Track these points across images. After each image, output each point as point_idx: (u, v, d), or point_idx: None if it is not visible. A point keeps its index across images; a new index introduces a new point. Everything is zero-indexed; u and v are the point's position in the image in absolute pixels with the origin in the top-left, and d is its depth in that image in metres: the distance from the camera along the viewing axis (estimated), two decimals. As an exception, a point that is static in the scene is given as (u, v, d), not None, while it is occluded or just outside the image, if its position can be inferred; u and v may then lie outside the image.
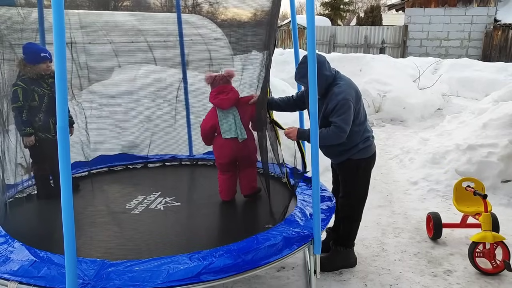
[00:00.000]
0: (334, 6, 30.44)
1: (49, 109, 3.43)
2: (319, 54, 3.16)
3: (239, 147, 3.35)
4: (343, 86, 3.09)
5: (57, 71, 1.97)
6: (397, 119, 9.43)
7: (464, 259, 3.55)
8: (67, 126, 2.02)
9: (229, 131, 3.33)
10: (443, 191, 5.06)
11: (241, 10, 4.59)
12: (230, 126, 3.32)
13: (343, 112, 3.00)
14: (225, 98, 3.33)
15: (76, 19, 4.00)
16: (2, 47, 3.18)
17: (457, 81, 12.16)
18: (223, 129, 3.34)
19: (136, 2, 5.25)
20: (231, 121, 3.33)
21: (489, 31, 17.76)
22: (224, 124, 3.34)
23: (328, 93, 3.11)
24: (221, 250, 2.50)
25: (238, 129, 3.33)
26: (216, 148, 3.47)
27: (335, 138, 3.03)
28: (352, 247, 3.45)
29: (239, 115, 3.36)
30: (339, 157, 3.28)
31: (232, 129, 3.32)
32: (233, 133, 3.32)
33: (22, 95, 3.37)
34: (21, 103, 3.38)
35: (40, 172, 3.56)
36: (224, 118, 3.35)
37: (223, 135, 3.34)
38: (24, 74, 3.43)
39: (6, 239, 2.66)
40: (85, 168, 4.04)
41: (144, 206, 3.33)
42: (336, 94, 3.05)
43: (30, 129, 3.43)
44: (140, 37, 7.11)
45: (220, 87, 3.37)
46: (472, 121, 6.00)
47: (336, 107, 3.01)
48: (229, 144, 3.34)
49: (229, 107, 3.35)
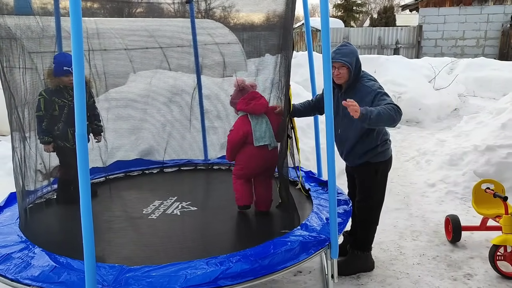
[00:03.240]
0: (347, 8, 30.33)
1: (68, 119, 3.51)
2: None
3: (269, 156, 3.26)
4: (372, 80, 3.13)
5: (76, 79, 2.00)
6: (412, 120, 9.33)
7: (484, 262, 3.48)
8: (86, 133, 2.05)
9: (263, 138, 3.23)
10: (461, 193, 4.99)
11: (253, 14, 4.60)
12: (264, 133, 3.24)
13: (387, 97, 2.97)
14: (258, 103, 3.26)
15: (92, 26, 4.06)
16: (24, 56, 3.25)
17: (474, 81, 11.97)
18: (256, 136, 3.22)
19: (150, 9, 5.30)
20: (264, 127, 3.24)
21: (505, 30, 17.46)
22: (257, 131, 3.23)
23: (356, 86, 3.10)
24: (238, 255, 2.50)
25: (270, 136, 3.25)
26: (244, 158, 3.31)
27: (394, 113, 2.83)
28: (369, 250, 3.42)
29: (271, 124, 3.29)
30: (358, 160, 3.25)
31: (266, 136, 3.23)
32: (266, 140, 3.23)
33: (43, 105, 3.50)
34: (42, 112, 3.51)
35: (64, 177, 3.65)
36: (257, 125, 3.25)
37: (256, 142, 3.22)
38: (49, 84, 3.56)
39: (26, 245, 2.70)
40: (102, 173, 4.09)
41: (161, 211, 3.35)
42: (369, 86, 3.05)
43: (48, 138, 3.54)
44: (154, 43, 7.19)
45: (251, 94, 3.31)
46: (490, 122, 5.89)
47: (376, 97, 2.97)
48: (260, 153, 3.24)
49: (263, 111, 3.29)
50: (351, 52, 3.08)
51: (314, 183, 3.79)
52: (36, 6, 3.77)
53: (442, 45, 18.73)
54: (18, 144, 3.15)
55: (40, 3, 3.95)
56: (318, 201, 3.37)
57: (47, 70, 3.52)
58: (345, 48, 3.09)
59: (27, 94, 3.31)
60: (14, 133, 3.13)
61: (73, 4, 1.93)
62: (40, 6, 3.95)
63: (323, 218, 3.01)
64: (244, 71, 4.98)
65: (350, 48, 3.11)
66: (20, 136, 3.16)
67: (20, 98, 3.19)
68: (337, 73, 3.04)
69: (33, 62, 3.41)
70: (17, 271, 2.41)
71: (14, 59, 3.20)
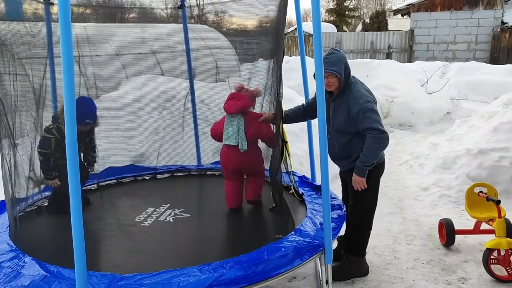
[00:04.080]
0: (340, 13, 30.48)
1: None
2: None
3: (242, 157, 3.37)
4: (361, 89, 3.12)
5: (65, 85, 1.97)
6: (405, 124, 9.37)
7: (478, 266, 3.49)
8: (76, 141, 2.02)
9: (229, 138, 3.38)
10: (454, 196, 5.00)
11: (246, 19, 4.60)
12: (232, 133, 3.37)
13: (371, 113, 3.01)
14: (232, 103, 3.39)
15: (83, 32, 4.04)
16: (14, 62, 3.20)
17: (466, 85, 12.06)
18: (225, 135, 3.41)
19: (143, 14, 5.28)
20: (234, 128, 3.37)
21: (496, 34, 17.65)
22: (227, 130, 3.40)
23: (345, 94, 3.10)
24: (231, 262, 2.47)
25: (240, 138, 3.35)
26: (221, 155, 3.54)
27: (379, 143, 3.02)
28: (364, 255, 3.41)
29: (244, 127, 3.36)
30: (350, 164, 3.25)
31: (233, 137, 3.36)
32: (233, 141, 3.36)
33: (54, 145, 3.41)
34: (51, 151, 3.41)
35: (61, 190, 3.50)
36: (229, 124, 3.40)
37: (224, 141, 3.42)
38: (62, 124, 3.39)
39: (17, 254, 2.66)
40: (94, 180, 4.05)
41: (154, 219, 3.32)
42: (357, 98, 3.05)
43: (55, 174, 3.47)
44: (147, 49, 7.16)
45: (232, 94, 3.46)
46: (482, 125, 5.93)
47: (360, 112, 3.01)
48: (232, 152, 3.39)
49: (233, 112, 3.37)
50: (339, 60, 3.08)
51: (308, 187, 3.77)
52: (28, 11, 3.75)
53: (434, 49, 18.87)
54: (8, 151, 3.10)
55: (32, 8, 3.93)
56: (312, 205, 3.36)
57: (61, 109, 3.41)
58: (332, 56, 3.07)
59: (18, 100, 3.26)
60: (3, 140, 3.08)
61: (62, 9, 1.91)
62: (32, 11, 3.92)
63: (317, 223, 3.00)
64: (237, 76, 4.97)
65: (337, 56, 3.10)
66: (9, 143, 3.12)
67: (10, 105, 3.15)
68: (327, 82, 3.04)
69: (24, 68, 3.37)
70: (6, 280, 2.37)
71: (5, 65, 3.17)
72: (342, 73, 3.07)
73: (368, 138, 3.01)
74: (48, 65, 3.73)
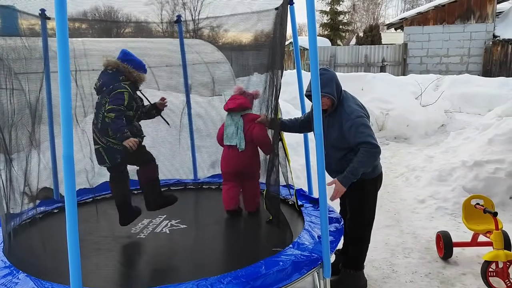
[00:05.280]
0: (334, 27, 30.80)
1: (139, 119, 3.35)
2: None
3: (242, 158, 3.49)
4: (352, 104, 3.12)
5: (62, 99, 1.97)
6: (401, 136, 9.42)
7: (477, 278, 3.47)
8: (72, 154, 2.01)
9: (229, 138, 3.54)
10: (451, 209, 5.00)
11: (241, 33, 4.64)
12: (232, 133, 3.52)
13: (364, 128, 3.02)
14: (230, 101, 3.60)
15: (80, 47, 4.04)
16: (11, 77, 3.19)
17: (459, 97, 12.15)
18: (225, 135, 3.57)
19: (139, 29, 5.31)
20: (233, 128, 3.53)
21: (488, 47, 17.88)
22: (227, 130, 3.56)
23: (338, 110, 3.11)
24: (229, 276, 2.44)
25: (239, 138, 3.49)
26: (222, 158, 3.67)
27: (372, 156, 3.02)
28: (362, 269, 3.38)
29: (243, 127, 3.52)
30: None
31: (233, 137, 3.51)
32: (233, 140, 3.51)
33: (127, 99, 3.11)
34: (123, 107, 3.10)
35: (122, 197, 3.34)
36: (228, 125, 3.58)
37: (224, 140, 3.58)
38: (128, 79, 3.21)
39: (11, 270, 2.62)
40: (90, 195, 4.01)
41: (150, 230, 3.29)
42: (349, 113, 3.06)
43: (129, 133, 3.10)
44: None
45: (233, 95, 3.64)
46: (477, 137, 5.96)
47: (354, 126, 3.02)
48: (232, 154, 3.53)
49: (232, 107, 3.54)
50: (329, 80, 3.10)
51: (305, 200, 3.76)
52: (24, 26, 3.75)
53: (427, 62, 19.05)
54: (3, 166, 3.08)
55: (28, 23, 3.93)
56: (309, 218, 3.34)
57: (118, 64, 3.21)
58: (323, 76, 3.02)
59: (14, 115, 3.24)
60: (-2, 155, 3.06)
61: (59, 24, 1.92)
62: (28, 26, 3.93)
63: (315, 236, 2.98)
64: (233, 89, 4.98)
65: (328, 76, 3.11)
66: (5, 158, 3.09)
67: (6, 119, 3.13)
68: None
69: (20, 83, 3.36)
70: (0, 298, 2.33)
71: (0, 80, 3.16)
72: (335, 93, 3.09)
73: (361, 151, 3.00)
74: (44, 80, 3.73)
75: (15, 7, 3.49)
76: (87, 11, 4.58)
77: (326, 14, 31.26)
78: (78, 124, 3.85)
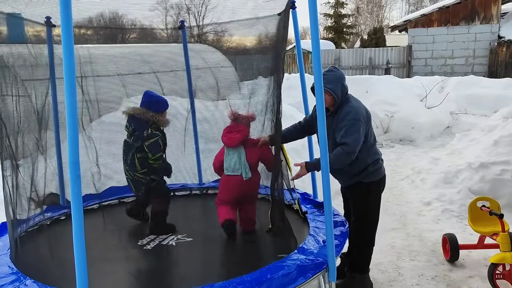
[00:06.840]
0: (338, 30, 30.82)
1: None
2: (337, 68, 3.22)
3: (244, 185, 3.32)
4: (354, 106, 3.11)
5: (68, 106, 1.99)
6: (406, 139, 9.39)
7: (484, 281, 3.45)
8: (78, 160, 2.02)
9: (230, 168, 3.34)
10: (457, 211, 4.98)
11: (246, 37, 4.66)
12: (234, 164, 3.33)
13: (354, 131, 3.01)
14: (232, 136, 3.38)
15: (85, 53, 4.08)
16: (17, 84, 3.23)
17: (465, 99, 12.12)
18: (225, 166, 3.37)
19: (143, 34, 5.35)
20: (235, 159, 3.34)
21: (493, 48, 17.80)
22: (227, 161, 3.37)
23: (339, 110, 3.11)
24: (235, 282, 2.45)
25: (243, 167, 3.32)
26: (220, 184, 3.50)
27: (344, 159, 3.01)
28: (367, 272, 3.38)
29: (246, 155, 3.35)
30: (349, 180, 3.25)
31: (236, 167, 3.33)
32: (236, 171, 3.32)
33: (162, 145, 3.56)
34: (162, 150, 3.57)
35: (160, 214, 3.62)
36: (228, 156, 3.38)
37: (225, 171, 3.38)
38: (156, 123, 3.51)
39: (18, 277, 2.64)
40: (96, 200, 4.03)
41: (156, 243, 3.27)
42: (346, 113, 3.06)
43: None
44: (148, 68, 7.22)
45: (232, 126, 3.44)
46: (483, 139, 5.94)
47: (346, 126, 3.01)
48: (234, 181, 3.33)
49: (234, 146, 3.36)
50: (336, 78, 3.10)
51: (310, 204, 3.76)
52: (30, 34, 3.80)
53: (432, 64, 19.01)
54: (10, 172, 3.10)
55: (34, 30, 3.98)
56: (314, 223, 3.34)
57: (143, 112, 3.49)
58: (330, 74, 3.09)
59: (20, 122, 3.27)
60: (5, 161, 3.09)
61: (65, 31, 1.94)
62: (33, 33, 3.97)
63: (320, 241, 2.98)
64: (238, 93, 5.00)
65: (336, 75, 3.12)
66: (11, 164, 3.12)
67: (13, 126, 3.16)
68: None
69: (26, 90, 3.39)
70: (7, 303, 2.35)
71: (7, 87, 3.19)
72: (338, 91, 3.08)
73: (338, 149, 3.00)
74: (50, 87, 3.76)
75: (21, 16, 3.54)
76: (92, 17, 4.62)
77: (330, 17, 31.33)
78: (84, 130, 3.88)
